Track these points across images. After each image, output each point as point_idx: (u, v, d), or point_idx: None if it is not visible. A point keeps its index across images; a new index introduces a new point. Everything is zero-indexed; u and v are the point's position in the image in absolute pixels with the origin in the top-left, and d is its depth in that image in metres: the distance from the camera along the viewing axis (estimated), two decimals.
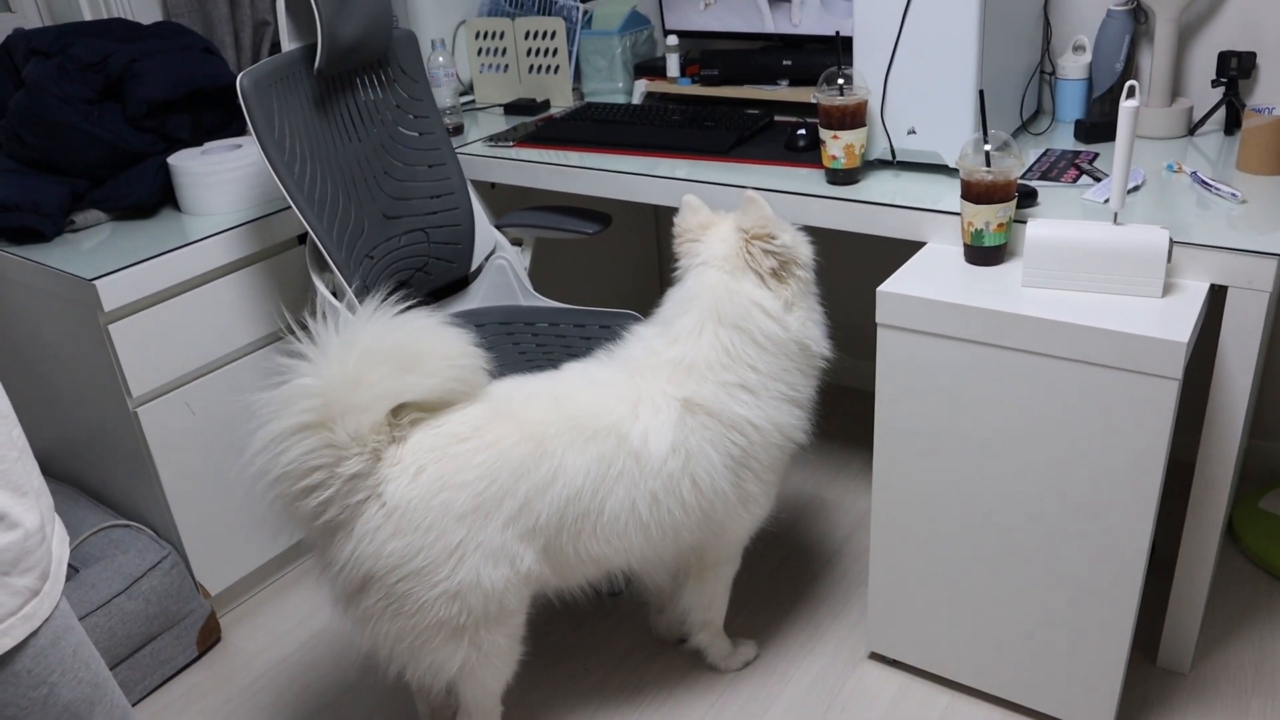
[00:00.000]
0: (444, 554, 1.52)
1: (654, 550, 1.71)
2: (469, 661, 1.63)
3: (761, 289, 1.67)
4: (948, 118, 1.89)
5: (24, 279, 2.04)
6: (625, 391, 1.67)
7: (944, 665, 1.94)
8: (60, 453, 2.34)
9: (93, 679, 1.07)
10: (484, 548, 1.54)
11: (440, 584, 1.53)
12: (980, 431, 1.69)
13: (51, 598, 1.02)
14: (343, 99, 2.09)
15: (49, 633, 1.01)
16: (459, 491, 1.52)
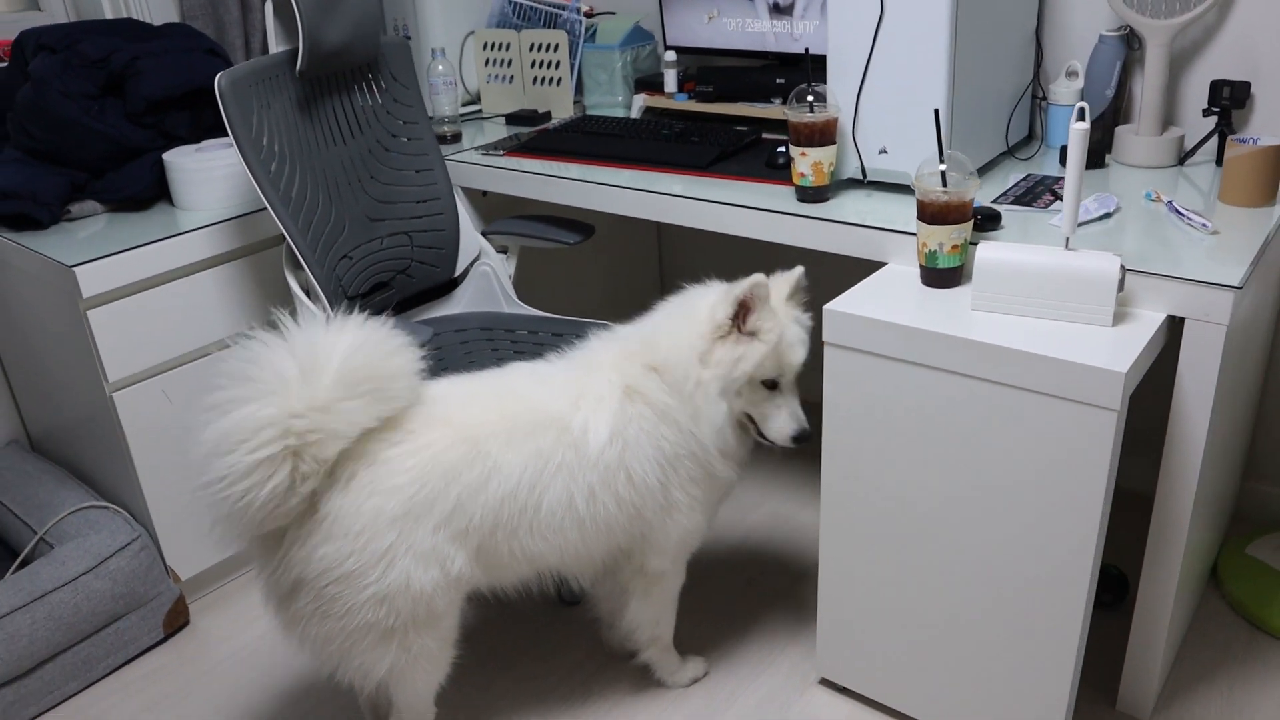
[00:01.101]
0: (374, 558, 1.53)
1: (587, 548, 1.71)
2: (398, 664, 1.63)
3: (719, 340, 1.67)
4: (918, 138, 1.87)
5: (18, 264, 2.13)
6: (570, 386, 1.69)
7: (892, 695, 1.90)
8: (53, 434, 2.42)
9: None
10: (414, 551, 1.55)
11: (369, 587, 1.54)
12: (924, 456, 1.66)
13: None
14: (330, 102, 2.14)
15: None
16: (389, 497, 1.53)
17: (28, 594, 2.00)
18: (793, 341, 1.69)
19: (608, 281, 3.06)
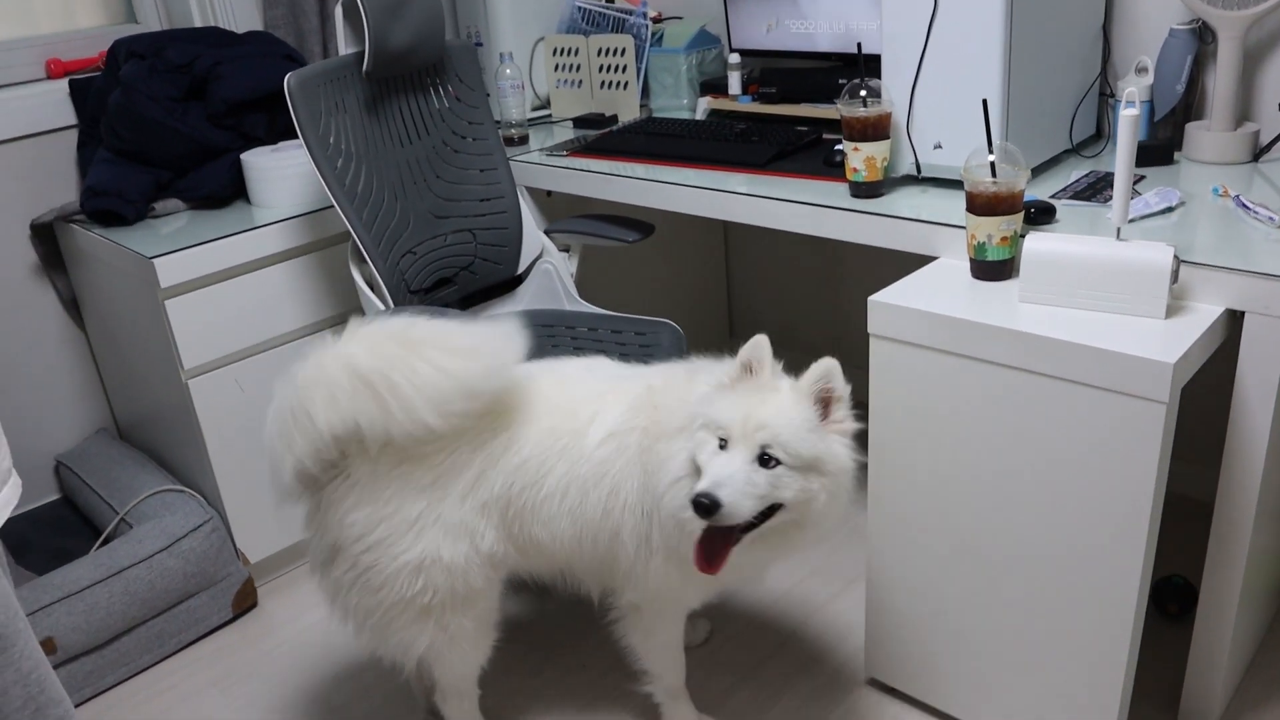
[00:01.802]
0: (404, 526, 1.58)
1: (580, 549, 1.65)
2: (436, 643, 1.67)
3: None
4: (974, 133, 1.85)
5: (106, 257, 2.25)
6: (606, 384, 1.69)
7: (940, 697, 1.87)
8: (137, 421, 2.54)
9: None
10: (443, 521, 1.59)
11: (401, 556, 1.58)
12: (970, 450, 1.64)
13: None
14: (398, 102, 2.21)
15: None
16: (418, 465, 1.58)
17: (107, 569, 2.11)
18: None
19: (671, 280, 3.08)
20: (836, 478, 1.46)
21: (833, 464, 1.45)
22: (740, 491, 1.41)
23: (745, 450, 1.42)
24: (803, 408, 1.45)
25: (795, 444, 1.42)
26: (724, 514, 1.39)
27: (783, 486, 1.43)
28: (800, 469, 1.43)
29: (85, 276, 2.45)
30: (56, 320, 2.56)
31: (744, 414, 1.44)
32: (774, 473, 1.43)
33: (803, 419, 1.44)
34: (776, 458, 1.42)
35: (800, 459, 1.43)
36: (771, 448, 1.42)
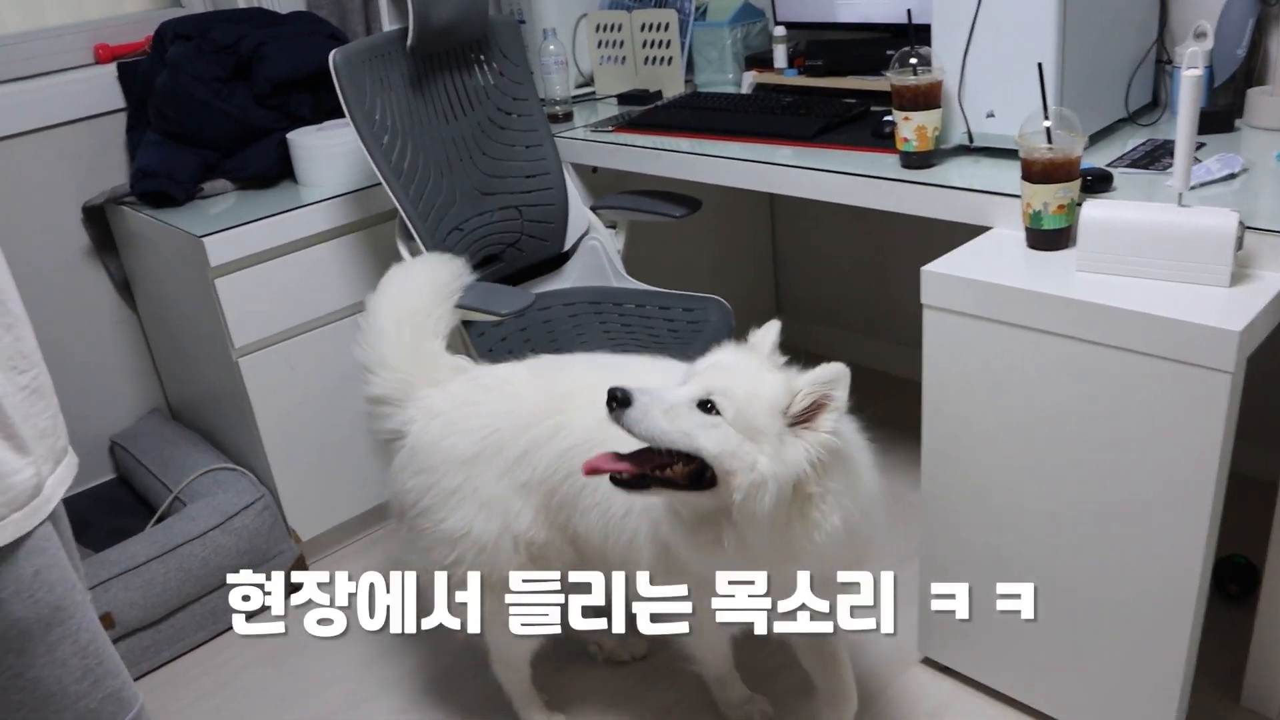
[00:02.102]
0: (444, 495, 1.59)
1: (603, 546, 1.59)
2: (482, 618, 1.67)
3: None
4: (1027, 101, 1.80)
5: (156, 238, 2.28)
6: (666, 378, 1.64)
7: (995, 677, 1.84)
8: (188, 401, 2.58)
9: (54, 602, 1.10)
10: (479, 495, 1.59)
11: (441, 524, 1.60)
12: (1027, 422, 1.60)
13: (18, 527, 1.07)
14: (442, 79, 2.21)
15: (5, 553, 1.05)
16: (464, 437, 1.58)
17: (162, 546, 2.14)
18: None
19: (719, 256, 3.06)
20: (777, 470, 1.28)
21: (780, 456, 1.28)
22: (661, 406, 1.28)
23: (691, 388, 1.31)
24: (778, 390, 1.31)
25: (745, 405, 1.28)
26: (632, 416, 1.27)
27: (710, 437, 1.27)
28: (743, 432, 1.28)
29: (136, 258, 2.47)
30: (109, 302, 2.59)
31: (711, 363, 1.37)
32: (708, 418, 1.28)
33: (771, 396, 1.31)
34: (717, 406, 1.29)
35: (745, 422, 1.28)
36: (715, 394, 1.29)
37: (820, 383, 1.30)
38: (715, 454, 1.28)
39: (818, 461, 1.30)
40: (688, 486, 1.31)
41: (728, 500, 1.30)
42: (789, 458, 1.29)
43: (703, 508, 1.33)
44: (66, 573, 1.13)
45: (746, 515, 1.29)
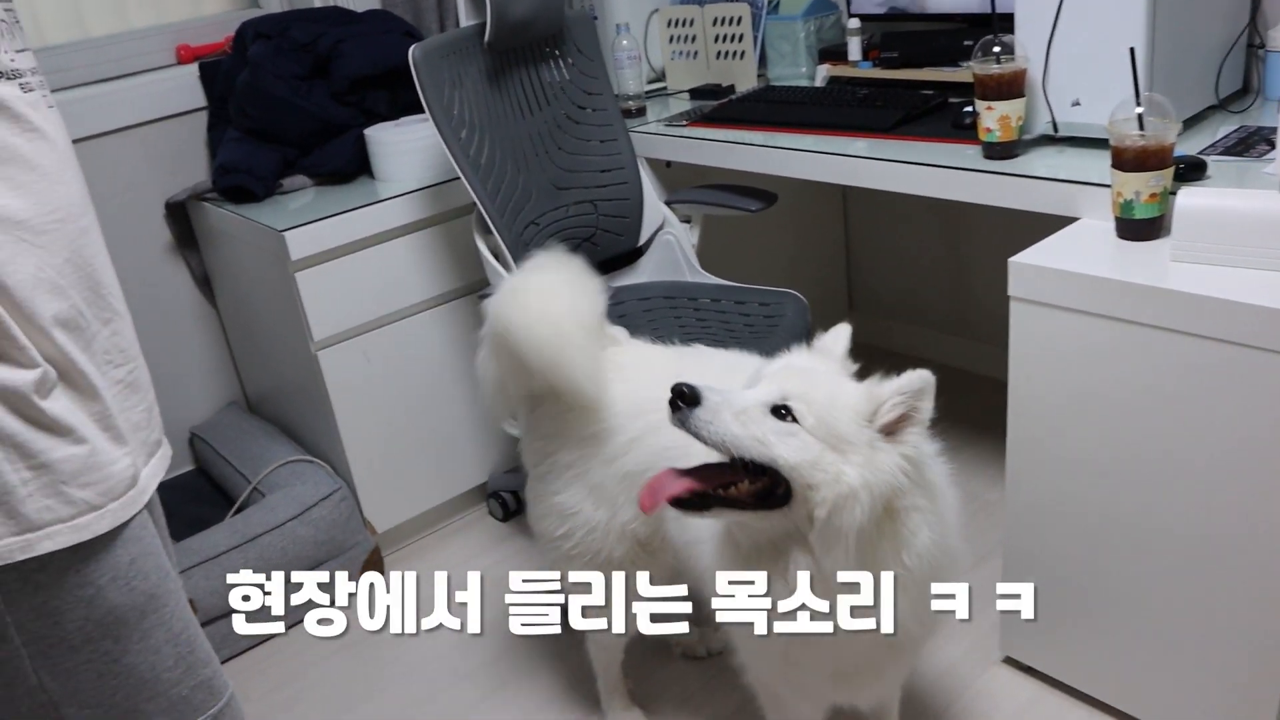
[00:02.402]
0: (561, 468, 1.60)
1: (685, 556, 1.52)
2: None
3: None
4: (1115, 88, 1.76)
5: (237, 233, 2.32)
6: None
7: (1082, 678, 1.80)
8: (266, 394, 2.62)
9: (149, 590, 1.11)
10: (589, 478, 1.59)
11: (554, 496, 1.61)
12: (1120, 418, 1.57)
13: (115, 517, 1.07)
14: (518, 74, 2.22)
15: (103, 542, 1.06)
16: (581, 415, 1.57)
17: (241, 536, 2.18)
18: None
19: (794, 250, 3.04)
20: (870, 480, 1.16)
21: (871, 465, 1.17)
22: (732, 409, 1.16)
23: (764, 391, 1.20)
24: (861, 397, 1.21)
25: (826, 412, 1.17)
26: (700, 417, 1.15)
27: (787, 445, 1.15)
28: (824, 441, 1.17)
29: (217, 253, 2.52)
30: (190, 297, 2.65)
31: (782, 365, 1.27)
32: (785, 425, 1.17)
33: (854, 403, 1.20)
34: (793, 412, 1.17)
35: (826, 430, 1.16)
36: (792, 399, 1.17)
37: (908, 392, 1.19)
38: (794, 464, 1.15)
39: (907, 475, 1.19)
40: (755, 506, 1.18)
41: (801, 520, 1.17)
42: (881, 466, 1.17)
43: (768, 532, 1.21)
44: (161, 561, 1.15)
45: (830, 534, 1.16)
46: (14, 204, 0.98)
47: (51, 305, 1.01)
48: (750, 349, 2.02)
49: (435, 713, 2.01)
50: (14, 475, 0.99)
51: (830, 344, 1.33)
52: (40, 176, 1.01)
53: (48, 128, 1.03)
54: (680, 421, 1.16)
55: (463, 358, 2.45)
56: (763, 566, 1.21)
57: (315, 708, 2.06)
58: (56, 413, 1.01)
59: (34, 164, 1.00)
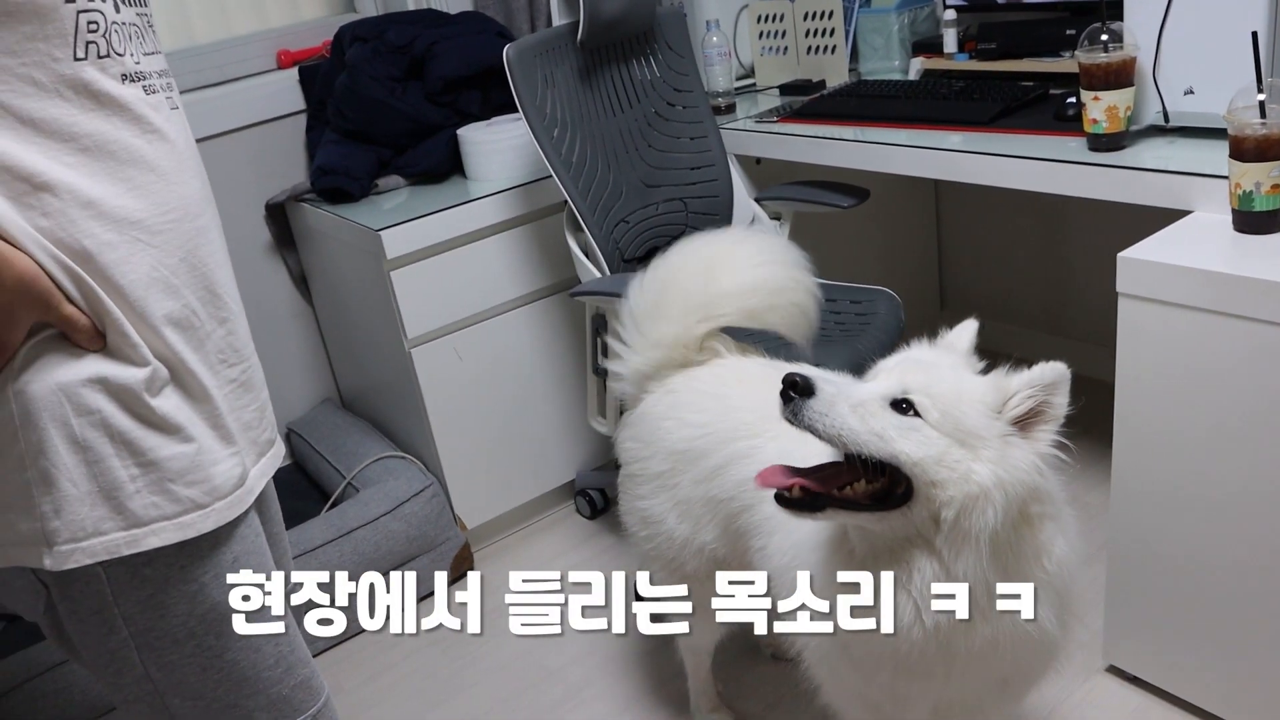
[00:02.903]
0: (650, 477, 1.59)
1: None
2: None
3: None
4: (1232, 74, 1.68)
5: (334, 233, 2.36)
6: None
7: (1190, 689, 1.73)
8: (359, 391, 2.67)
9: None
10: (678, 492, 1.57)
11: (640, 500, 1.61)
12: (1235, 420, 1.50)
13: (220, 516, 1.08)
14: (609, 72, 2.22)
15: (208, 540, 1.08)
16: (679, 428, 1.55)
17: (337, 530, 2.21)
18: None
19: (884, 247, 2.99)
20: (1004, 477, 1.08)
21: (1005, 461, 1.09)
22: (849, 401, 1.08)
23: (883, 384, 1.12)
24: (988, 390, 1.13)
25: (951, 406, 1.09)
26: (815, 409, 1.07)
27: (910, 441, 1.07)
28: (949, 436, 1.09)
29: (314, 252, 2.58)
30: (287, 296, 2.71)
31: (902, 358, 1.19)
32: (906, 419, 1.09)
33: (981, 396, 1.12)
34: (916, 406, 1.09)
35: (951, 425, 1.09)
36: (913, 392, 1.10)
37: (1040, 385, 1.10)
38: (917, 460, 1.07)
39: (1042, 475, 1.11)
40: (872, 507, 1.11)
41: (924, 521, 1.09)
42: (1017, 464, 1.08)
43: (885, 536, 1.12)
44: (265, 561, 1.16)
45: (959, 537, 1.08)
46: (131, 204, 1.00)
47: (164, 304, 1.03)
48: (842, 348, 2.00)
49: (522, 709, 2.02)
50: (123, 471, 1.00)
51: (955, 340, 1.25)
52: (158, 177, 1.03)
53: (169, 129, 1.05)
54: (792, 414, 1.09)
55: (553, 355, 2.46)
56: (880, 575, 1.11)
57: (406, 700, 2.08)
58: (166, 411, 1.03)
59: (153, 165, 1.02)
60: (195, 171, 1.11)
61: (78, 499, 0.99)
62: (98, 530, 1.00)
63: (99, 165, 0.98)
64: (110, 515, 1.00)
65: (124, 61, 1.01)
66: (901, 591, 1.10)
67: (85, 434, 0.98)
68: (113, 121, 0.99)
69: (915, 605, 1.10)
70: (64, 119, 0.96)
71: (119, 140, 1.00)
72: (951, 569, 1.09)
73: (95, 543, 1.00)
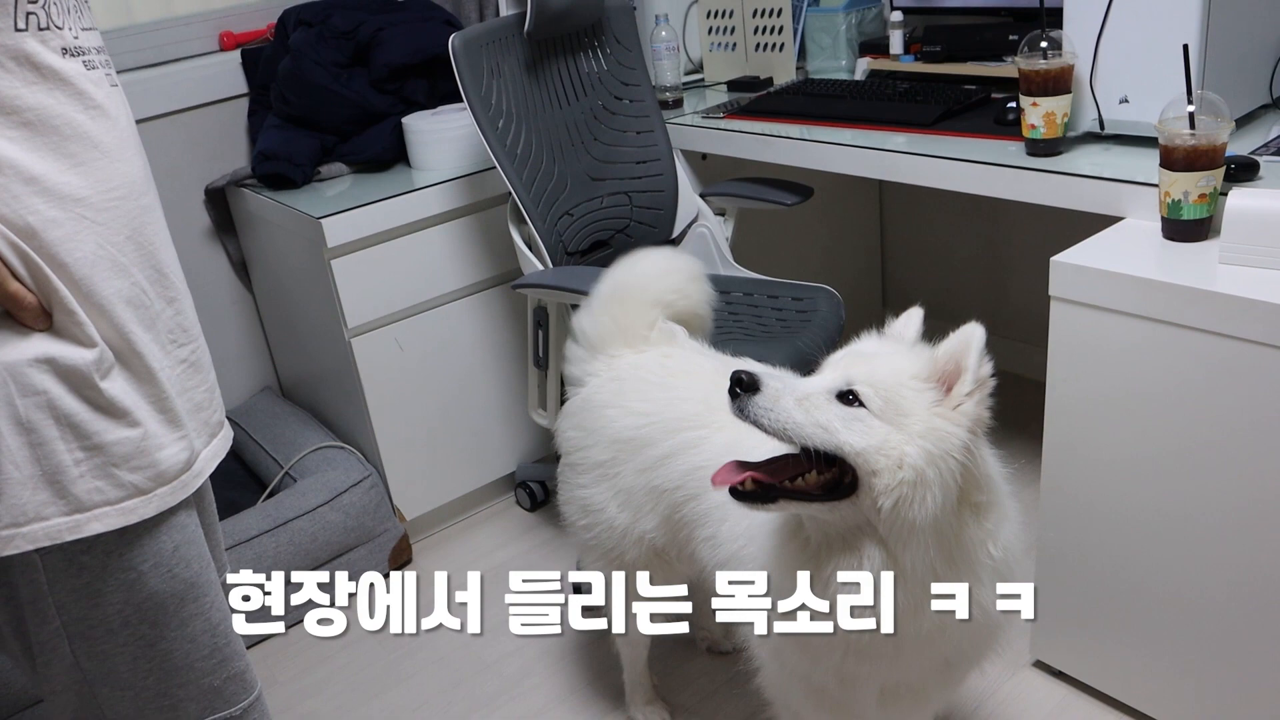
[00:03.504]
0: (591, 465, 1.59)
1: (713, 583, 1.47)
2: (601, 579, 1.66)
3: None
4: (1165, 85, 1.72)
5: (275, 219, 2.33)
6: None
7: (1115, 684, 1.77)
8: (299, 380, 2.64)
9: (190, 579, 1.10)
10: (617, 482, 1.57)
11: (580, 489, 1.61)
12: (1161, 422, 1.53)
13: (163, 502, 1.07)
14: (556, 64, 2.22)
15: (147, 526, 1.06)
16: (623, 416, 1.56)
17: (273, 520, 2.19)
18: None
19: (828, 245, 3.02)
20: (932, 454, 1.09)
21: (931, 435, 1.10)
22: (794, 395, 1.10)
23: (828, 377, 1.14)
24: (920, 362, 1.16)
25: (891, 391, 1.11)
26: (760, 404, 1.09)
27: (852, 432, 1.09)
28: (889, 420, 1.10)
29: (254, 239, 2.54)
30: (227, 283, 2.67)
31: (848, 352, 1.21)
32: (850, 410, 1.10)
33: (913, 369, 1.15)
34: (859, 396, 1.11)
35: (892, 409, 1.10)
36: (857, 383, 1.11)
37: (957, 346, 1.14)
38: (860, 449, 1.08)
39: (972, 444, 1.12)
40: (823, 497, 1.12)
41: (869, 510, 1.10)
42: (945, 435, 1.10)
43: (839, 524, 1.14)
44: (203, 550, 1.14)
45: (902, 527, 1.09)
46: (75, 181, 0.98)
47: (113, 283, 1.01)
48: (784, 344, 2.01)
49: (459, 700, 2.01)
50: (67, 455, 0.99)
51: (902, 329, 1.27)
52: (102, 154, 1.01)
53: (110, 105, 1.03)
54: (739, 409, 1.10)
55: (494, 347, 2.45)
56: (835, 562, 1.14)
57: (342, 693, 2.07)
58: (114, 394, 1.01)
59: (96, 141, 1.00)
60: (137, 150, 1.09)
61: (20, 483, 0.97)
62: (39, 515, 0.98)
63: (42, 140, 0.96)
64: (53, 500, 0.99)
65: (64, 35, 0.99)
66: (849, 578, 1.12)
67: (30, 415, 0.96)
68: (55, 96, 0.97)
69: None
70: (6, 91, 0.94)
71: (63, 115, 0.97)
72: (899, 559, 1.11)
73: (37, 528, 0.98)
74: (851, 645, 1.18)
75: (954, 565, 1.13)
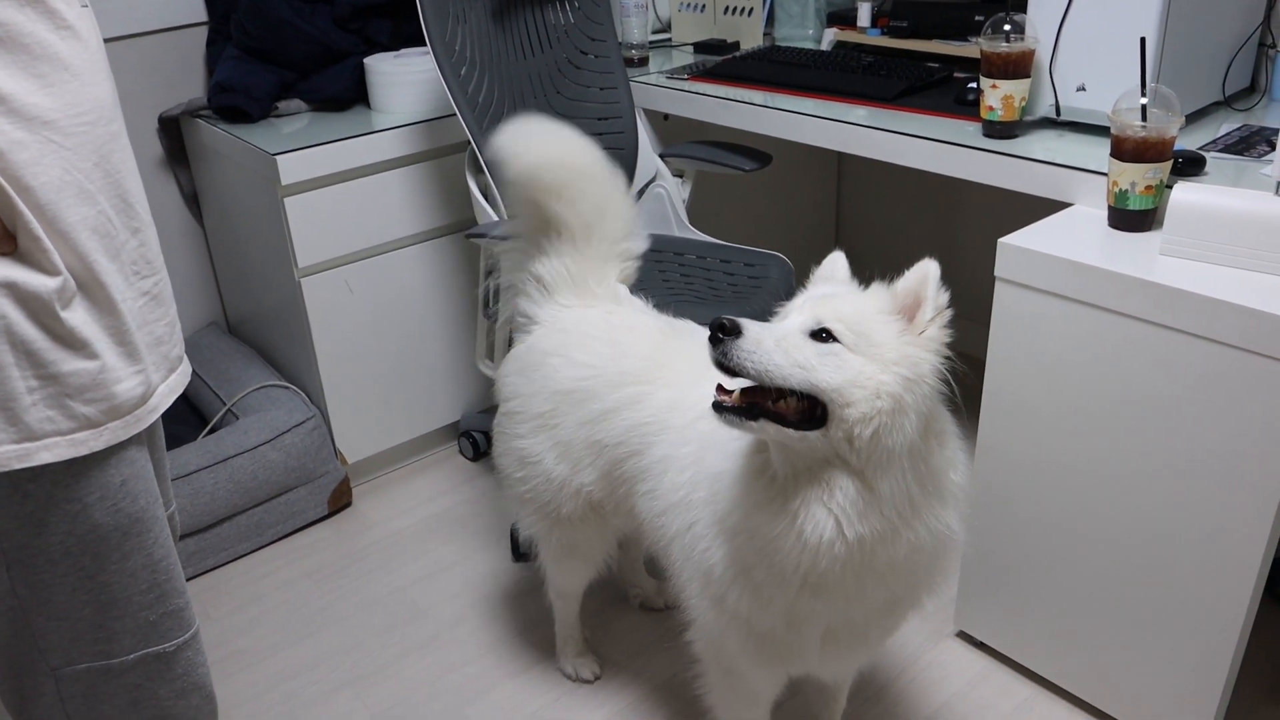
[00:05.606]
0: (530, 416, 1.59)
1: (656, 535, 1.49)
2: (536, 534, 1.69)
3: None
4: (1122, 76, 1.75)
5: (229, 153, 2.29)
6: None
7: (1031, 656, 1.83)
8: (247, 317, 2.60)
9: (135, 514, 1.10)
10: (557, 434, 1.58)
11: (517, 440, 1.61)
12: (1093, 405, 1.58)
13: (114, 436, 1.06)
14: (523, 14, 2.19)
15: (97, 459, 1.06)
16: (567, 367, 1.56)
17: (213, 456, 2.17)
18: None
19: (784, 213, 3.03)
20: (907, 378, 1.13)
21: (905, 361, 1.14)
22: (774, 337, 1.13)
23: (800, 319, 1.17)
24: (882, 298, 1.20)
25: (859, 323, 1.15)
26: (743, 347, 1.11)
27: (830, 367, 1.12)
28: (862, 352, 1.14)
29: (207, 172, 2.49)
30: (177, 214, 2.62)
31: (807, 297, 1.23)
32: (825, 346, 1.13)
33: (878, 304, 1.19)
34: (832, 332, 1.14)
35: (864, 341, 1.14)
36: (827, 320, 1.14)
37: (917, 279, 1.19)
38: (835, 385, 1.11)
39: (941, 367, 1.17)
40: (797, 425, 1.14)
41: (840, 443, 1.13)
42: (917, 361, 1.14)
43: (806, 456, 1.16)
44: (151, 486, 1.14)
45: (881, 455, 1.13)
46: (44, 102, 0.96)
47: (79, 210, 0.99)
48: (733, 308, 2.03)
49: (392, 644, 2.02)
50: (21, 383, 0.98)
51: (831, 272, 1.31)
52: (73, 76, 0.98)
53: (80, 26, 1.00)
54: (722, 354, 1.12)
55: (445, 295, 2.44)
56: (803, 494, 1.16)
57: (275, 631, 2.07)
58: (74, 324, 1.00)
59: (67, 63, 0.98)
60: (106, 74, 1.06)
61: None
62: None
63: (11, 58, 0.93)
64: (3, 426, 0.98)
65: None
66: (822, 508, 1.15)
67: None
68: (26, 13, 0.94)
69: (836, 521, 1.15)
70: None
71: (33, 33, 0.95)
72: (877, 487, 1.14)
73: None
74: (809, 580, 1.21)
75: (926, 490, 1.18)
